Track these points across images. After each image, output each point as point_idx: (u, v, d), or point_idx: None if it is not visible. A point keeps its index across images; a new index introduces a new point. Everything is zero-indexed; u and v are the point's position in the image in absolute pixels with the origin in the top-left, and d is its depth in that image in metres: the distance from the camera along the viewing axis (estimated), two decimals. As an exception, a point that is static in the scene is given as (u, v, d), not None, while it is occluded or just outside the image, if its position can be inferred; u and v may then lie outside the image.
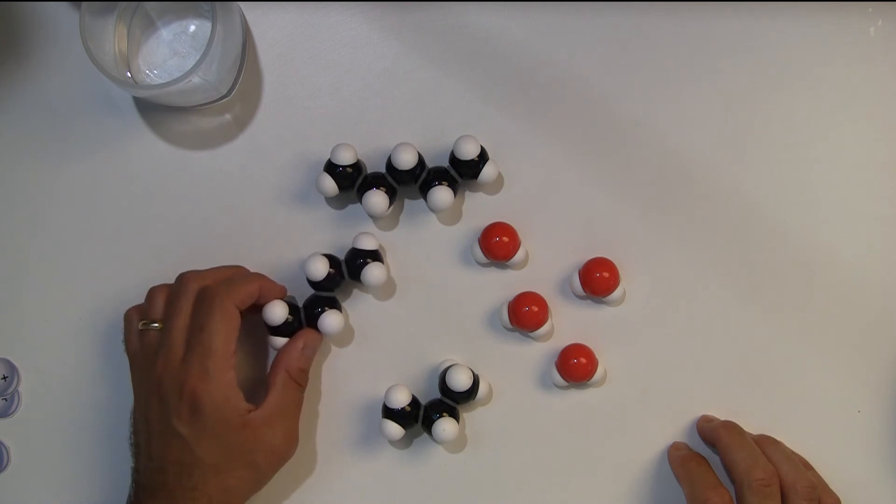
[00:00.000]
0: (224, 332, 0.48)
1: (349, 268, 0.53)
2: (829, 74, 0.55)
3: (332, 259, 0.53)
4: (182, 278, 0.51)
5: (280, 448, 0.50)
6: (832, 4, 0.55)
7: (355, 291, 0.55)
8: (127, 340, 0.51)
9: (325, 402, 0.55)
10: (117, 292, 0.55)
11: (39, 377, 0.56)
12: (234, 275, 0.52)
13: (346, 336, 0.55)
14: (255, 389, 0.52)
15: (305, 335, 0.52)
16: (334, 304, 0.53)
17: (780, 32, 0.55)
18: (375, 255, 0.53)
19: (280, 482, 0.54)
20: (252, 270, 0.54)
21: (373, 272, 0.52)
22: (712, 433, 0.52)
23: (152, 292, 0.51)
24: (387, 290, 0.55)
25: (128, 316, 0.52)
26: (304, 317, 0.53)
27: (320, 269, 0.52)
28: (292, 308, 0.53)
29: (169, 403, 0.48)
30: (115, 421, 0.54)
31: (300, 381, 0.52)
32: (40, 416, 0.56)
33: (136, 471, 0.50)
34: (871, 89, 0.55)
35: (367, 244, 0.53)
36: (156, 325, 0.50)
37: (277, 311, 0.52)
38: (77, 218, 0.56)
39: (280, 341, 0.52)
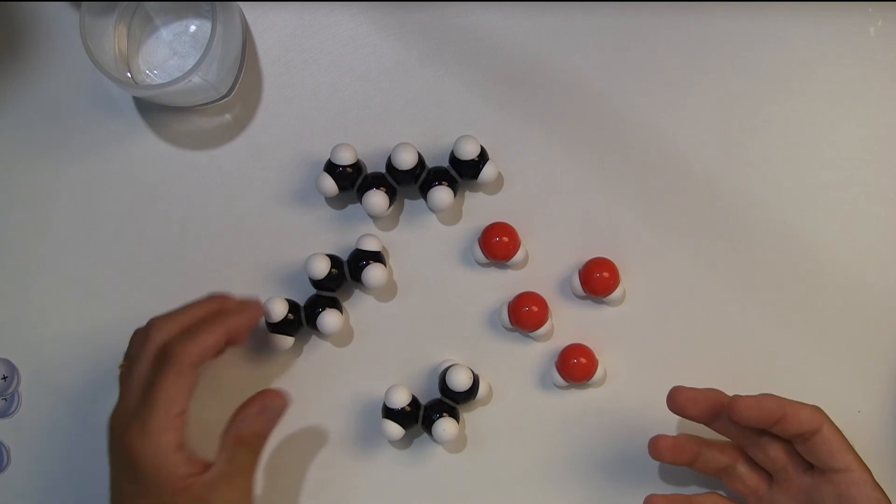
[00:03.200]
0: (172, 392, 0.45)
1: (351, 268, 0.53)
2: (829, 74, 0.55)
3: (334, 259, 0.53)
4: (149, 326, 0.48)
5: None
6: (832, 4, 0.55)
7: (357, 292, 0.55)
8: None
9: (326, 402, 0.55)
10: (117, 292, 0.55)
11: (39, 377, 0.56)
12: (199, 323, 0.48)
13: (345, 336, 0.55)
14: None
15: (266, 397, 0.48)
16: (335, 305, 0.53)
17: (780, 32, 0.55)
18: (378, 257, 0.53)
19: (280, 482, 0.54)
20: (243, 286, 0.52)
21: (374, 274, 0.52)
22: (755, 413, 0.46)
23: (134, 334, 0.49)
24: (388, 291, 0.55)
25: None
26: (305, 316, 0.53)
27: (322, 268, 0.52)
28: (293, 306, 0.53)
29: (117, 460, 0.47)
30: (115, 421, 0.54)
31: (254, 446, 0.48)
32: (40, 416, 0.56)
33: None
34: (871, 89, 0.55)
35: (371, 245, 0.53)
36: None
37: (277, 309, 0.52)
38: (77, 218, 0.56)
39: (279, 339, 0.52)
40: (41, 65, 0.56)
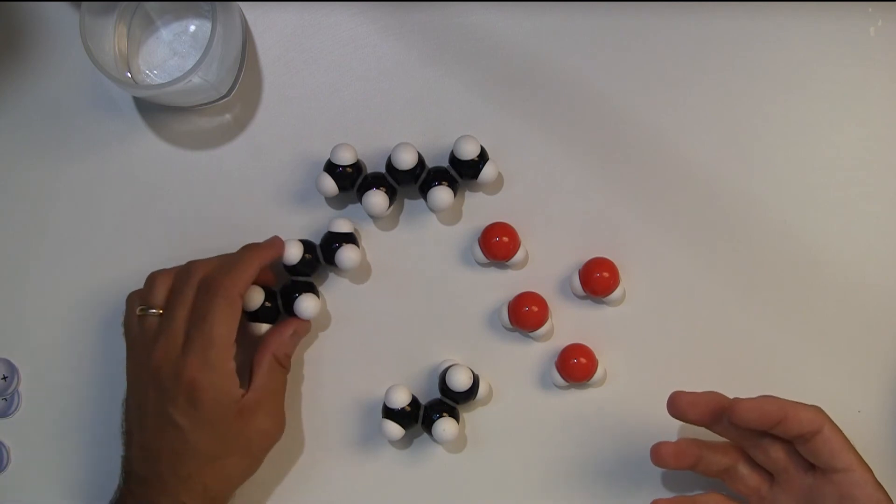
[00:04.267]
0: (226, 322, 0.48)
1: (324, 251, 0.53)
2: (829, 74, 0.55)
3: (307, 244, 0.53)
4: (188, 266, 0.51)
5: (270, 430, 0.51)
6: (832, 4, 0.55)
7: (332, 276, 0.55)
8: (126, 325, 0.51)
9: (326, 402, 0.55)
10: (117, 292, 0.55)
11: (39, 377, 0.56)
12: (234, 260, 0.51)
13: (344, 348, 0.55)
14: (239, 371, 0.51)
15: (296, 323, 0.53)
16: (310, 289, 0.53)
17: (780, 32, 0.55)
18: (350, 238, 0.53)
19: (280, 482, 0.54)
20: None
21: (347, 255, 0.52)
22: (755, 416, 0.46)
23: (153, 278, 0.51)
24: (362, 273, 0.55)
25: (129, 300, 0.52)
26: (282, 303, 0.53)
27: (295, 253, 0.52)
28: (269, 294, 0.53)
29: (166, 392, 0.48)
30: (116, 421, 0.53)
31: (286, 364, 0.52)
32: (40, 416, 0.56)
33: (127, 459, 0.50)
34: (871, 89, 0.55)
35: (343, 227, 0.53)
36: (154, 311, 0.50)
37: (255, 297, 0.52)
38: (77, 218, 0.56)
39: (262, 327, 0.53)
40: (41, 65, 0.56)
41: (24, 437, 0.56)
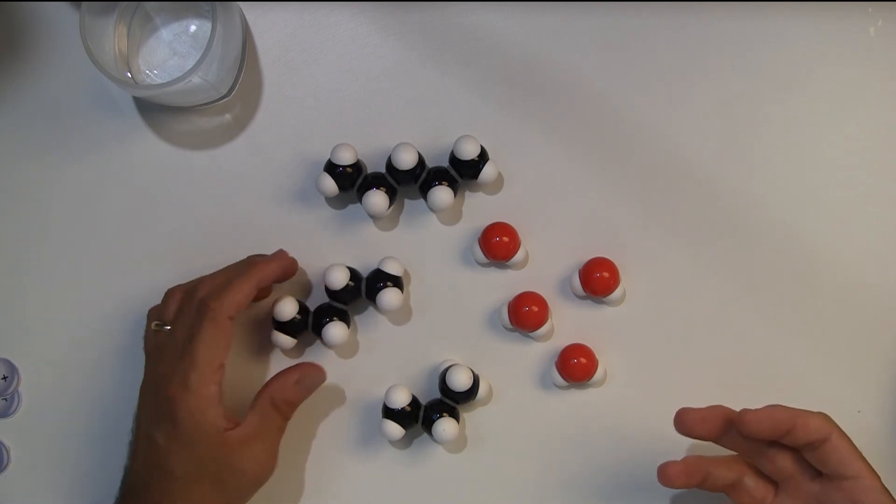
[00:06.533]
0: (210, 346, 0.48)
1: (368, 287, 0.53)
2: (829, 74, 0.55)
3: (353, 273, 0.53)
4: (196, 283, 0.51)
5: (251, 472, 0.49)
6: (832, 4, 0.55)
7: (370, 310, 0.55)
8: (145, 338, 0.52)
9: (326, 402, 0.55)
10: (117, 292, 0.55)
11: (39, 377, 0.56)
12: (232, 278, 0.51)
13: (349, 349, 0.55)
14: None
15: (305, 369, 0.51)
16: (344, 317, 0.53)
17: (780, 32, 0.55)
18: (397, 282, 0.53)
19: (280, 482, 0.54)
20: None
21: (389, 298, 0.52)
22: (766, 425, 0.46)
23: (168, 293, 0.52)
24: (400, 315, 0.55)
25: (149, 314, 0.52)
26: (312, 322, 0.53)
27: (340, 279, 0.52)
28: (302, 308, 0.53)
29: (155, 408, 0.48)
30: (115, 421, 0.54)
31: (284, 412, 0.50)
32: (40, 416, 0.56)
33: (127, 471, 0.50)
34: (871, 89, 0.55)
35: (392, 269, 0.53)
36: (167, 327, 0.50)
37: (287, 308, 0.52)
38: (77, 218, 0.56)
39: (281, 338, 0.52)
40: (41, 65, 0.56)
41: (24, 437, 0.56)
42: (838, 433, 0.46)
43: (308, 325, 0.53)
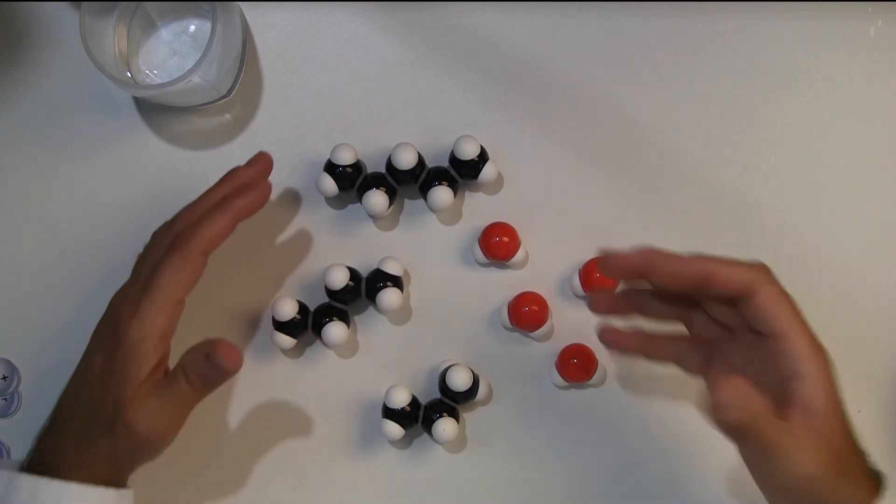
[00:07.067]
0: (173, 274, 0.46)
1: (368, 287, 0.53)
2: (829, 74, 0.55)
3: (353, 273, 0.53)
4: (174, 217, 0.49)
5: (137, 431, 0.45)
6: (832, 4, 0.55)
7: (370, 309, 0.55)
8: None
9: (326, 402, 0.55)
10: (117, 292, 0.55)
11: (39, 377, 0.56)
12: (208, 212, 0.48)
13: (349, 349, 0.55)
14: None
15: (217, 346, 0.45)
16: (343, 317, 0.53)
17: (780, 32, 0.55)
18: (397, 282, 0.53)
19: (280, 481, 0.54)
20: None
21: (388, 298, 0.52)
22: (637, 267, 0.42)
23: (153, 233, 0.50)
24: (400, 315, 0.55)
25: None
26: (311, 322, 0.53)
27: (340, 279, 0.52)
28: (302, 308, 0.53)
29: (102, 329, 0.47)
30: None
31: (192, 381, 0.45)
32: (40, 416, 0.56)
33: (60, 396, 0.49)
34: (871, 89, 0.55)
35: (392, 269, 0.53)
36: None
37: (287, 309, 0.52)
38: (77, 218, 0.56)
39: (281, 338, 0.52)
40: (41, 65, 0.56)
41: (24, 437, 0.55)
42: (770, 288, 0.42)
43: (308, 326, 0.53)
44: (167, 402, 0.46)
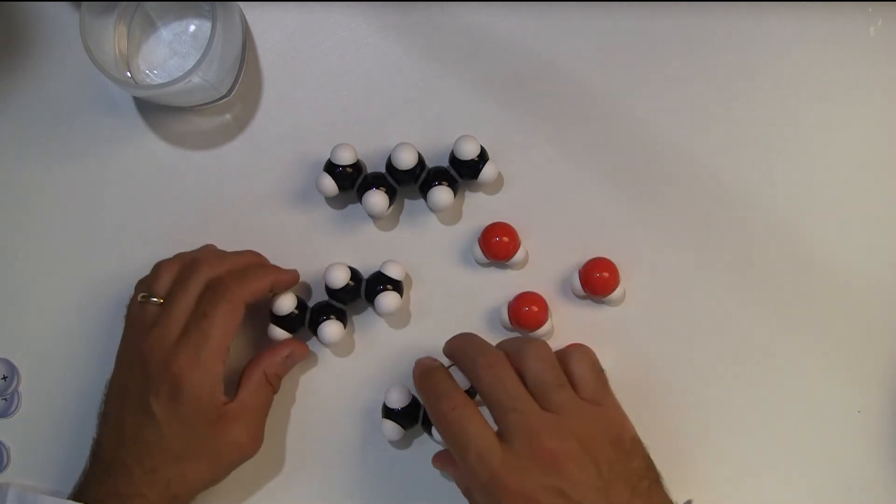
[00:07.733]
0: (225, 325, 0.48)
1: (367, 289, 0.53)
2: (829, 74, 0.55)
3: (354, 273, 0.53)
4: (197, 262, 0.51)
5: (245, 445, 0.50)
6: (832, 4, 0.55)
7: (369, 311, 0.55)
8: (128, 308, 0.51)
9: (325, 402, 0.55)
10: (117, 293, 0.55)
11: (39, 377, 0.56)
12: (249, 266, 0.51)
13: (344, 347, 0.55)
14: (231, 380, 0.52)
15: (294, 345, 0.53)
16: (341, 316, 0.53)
17: (780, 32, 0.55)
18: (397, 286, 0.53)
19: (280, 482, 0.54)
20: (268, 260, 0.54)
21: (387, 300, 0.52)
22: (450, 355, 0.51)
23: (160, 267, 0.51)
24: (398, 318, 0.55)
25: (137, 285, 0.52)
26: (309, 318, 0.53)
27: (340, 278, 0.52)
28: (301, 304, 0.53)
29: (151, 380, 0.48)
30: (115, 421, 0.54)
31: (275, 384, 0.52)
32: (40, 416, 0.56)
33: (98, 443, 0.50)
34: (871, 89, 0.55)
35: (393, 272, 0.53)
36: (156, 300, 0.50)
37: (286, 303, 0.52)
38: (77, 218, 0.56)
39: (278, 331, 0.53)
40: (41, 65, 0.56)
41: (24, 437, 0.56)
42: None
43: (305, 322, 0.53)
44: (260, 411, 0.51)
